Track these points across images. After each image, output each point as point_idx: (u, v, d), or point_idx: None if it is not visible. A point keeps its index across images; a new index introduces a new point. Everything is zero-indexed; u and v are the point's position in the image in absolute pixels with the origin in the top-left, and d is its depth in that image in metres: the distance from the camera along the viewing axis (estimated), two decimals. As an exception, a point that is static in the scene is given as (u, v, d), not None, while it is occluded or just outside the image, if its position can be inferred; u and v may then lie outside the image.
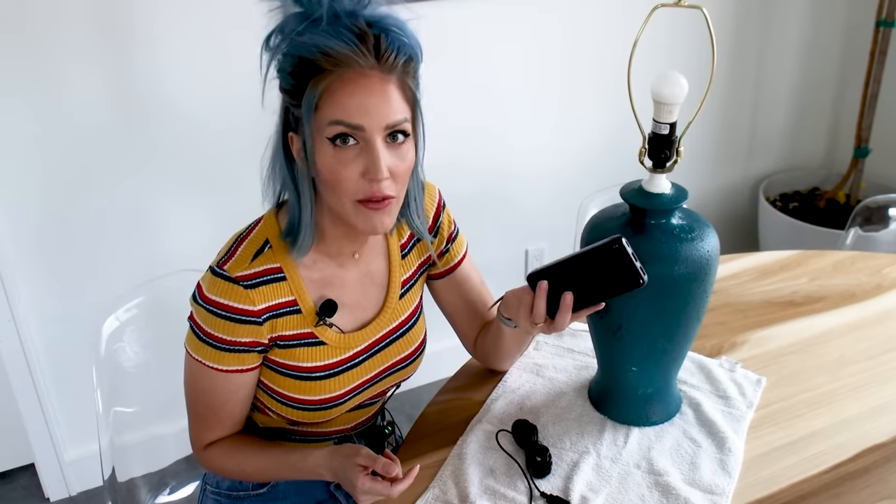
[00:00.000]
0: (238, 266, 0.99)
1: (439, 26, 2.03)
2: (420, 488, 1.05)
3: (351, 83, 0.90)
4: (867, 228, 1.88)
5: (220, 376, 1.02)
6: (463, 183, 2.25)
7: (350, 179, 0.93)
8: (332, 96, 0.91)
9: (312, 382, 1.05)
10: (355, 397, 1.10)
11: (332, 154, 0.93)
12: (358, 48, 0.89)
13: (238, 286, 0.98)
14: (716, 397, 1.20)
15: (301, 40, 0.90)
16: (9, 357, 1.87)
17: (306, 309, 1.03)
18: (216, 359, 1.01)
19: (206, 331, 1.00)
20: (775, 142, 2.81)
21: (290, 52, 0.91)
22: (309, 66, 0.91)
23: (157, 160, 1.86)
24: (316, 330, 1.04)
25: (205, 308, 0.99)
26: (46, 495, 2.06)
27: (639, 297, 1.03)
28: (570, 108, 2.33)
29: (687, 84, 0.98)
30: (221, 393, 1.04)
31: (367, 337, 1.09)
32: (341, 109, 0.91)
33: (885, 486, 1.04)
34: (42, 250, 1.83)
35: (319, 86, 0.90)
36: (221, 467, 1.10)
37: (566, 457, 1.09)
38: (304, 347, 1.04)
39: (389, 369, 1.13)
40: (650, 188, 1.04)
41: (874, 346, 1.32)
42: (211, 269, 1.00)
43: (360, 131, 0.92)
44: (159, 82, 1.79)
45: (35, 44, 1.65)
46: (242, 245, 1.01)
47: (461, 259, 1.19)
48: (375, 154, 0.92)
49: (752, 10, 2.51)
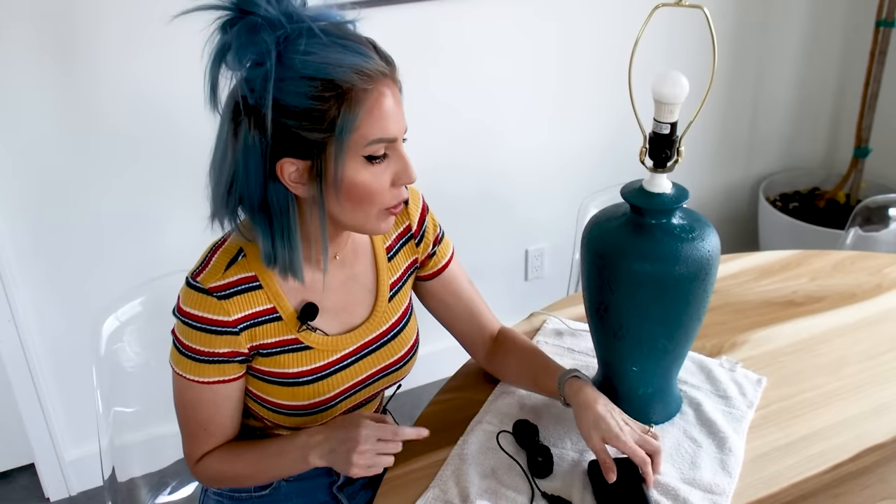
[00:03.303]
0: (211, 277, 0.97)
1: (438, 26, 2.04)
2: (420, 488, 1.05)
3: (384, 98, 0.89)
4: (867, 228, 1.88)
5: (203, 389, 1.01)
6: (463, 183, 2.25)
7: (383, 191, 0.93)
8: (371, 114, 0.89)
9: (300, 388, 1.04)
10: (346, 400, 1.10)
11: (366, 170, 0.91)
12: (380, 61, 0.89)
13: (212, 297, 0.96)
14: (716, 397, 1.20)
15: (317, 60, 0.85)
16: (9, 357, 1.87)
17: (287, 315, 1.02)
18: (197, 371, 1.00)
19: (185, 343, 0.99)
20: (775, 142, 2.82)
21: (309, 75, 0.86)
22: (334, 87, 0.87)
23: (157, 160, 1.86)
24: (300, 335, 1.03)
25: (181, 321, 0.98)
26: (46, 495, 2.06)
27: (639, 297, 1.03)
28: (570, 108, 2.33)
29: (688, 84, 0.98)
30: (208, 406, 1.03)
31: (355, 340, 1.08)
32: (381, 127, 0.89)
33: (885, 486, 1.04)
34: (42, 251, 1.83)
35: (359, 107, 0.87)
36: (217, 475, 1.08)
37: (567, 457, 1.09)
38: (288, 354, 1.03)
39: (381, 372, 1.12)
40: (651, 188, 1.04)
41: (874, 346, 1.32)
42: (186, 281, 0.99)
43: (392, 143, 0.92)
44: (160, 81, 1.79)
45: (34, 44, 1.65)
46: (216, 255, 0.99)
47: (448, 260, 1.19)
48: (406, 161, 0.93)
49: (752, 10, 2.51)
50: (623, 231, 1.05)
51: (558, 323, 1.38)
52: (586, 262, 1.09)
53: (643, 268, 1.02)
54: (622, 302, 1.05)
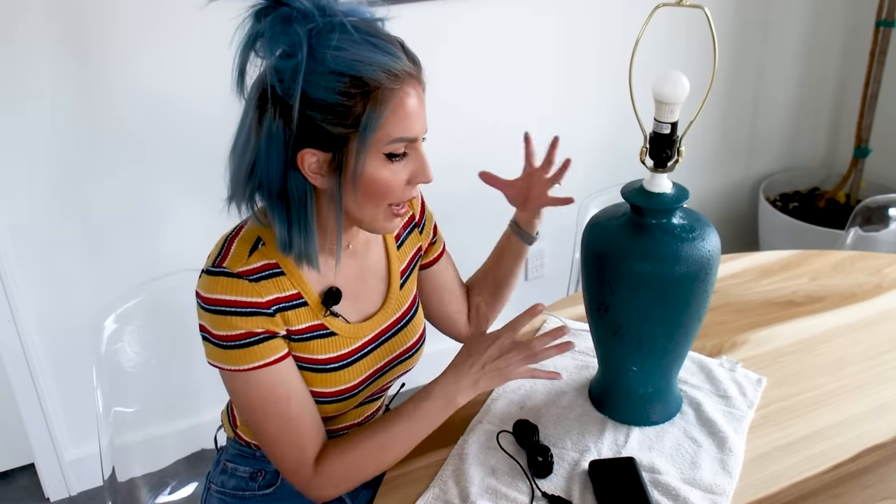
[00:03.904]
0: (237, 262, 0.96)
1: (438, 26, 2.03)
2: (420, 488, 1.05)
3: (409, 98, 0.91)
4: (867, 228, 1.88)
5: (263, 374, 0.96)
6: (463, 182, 2.25)
7: (399, 187, 0.95)
8: (396, 113, 0.90)
9: (328, 374, 1.04)
10: (366, 389, 1.11)
11: (385, 166, 0.93)
12: (408, 61, 0.90)
13: (243, 280, 0.95)
14: (716, 397, 1.20)
15: (347, 57, 0.87)
16: (9, 357, 1.87)
17: (312, 300, 1.02)
18: (246, 357, 0.95)
19: (221, 335, 0.95)
20: (775, 142, 2.82)
21: (339, 70, 0.87)
22: (362, 84, 0.88)
23: (157, 160, 1.85)
24: (325, 321, 1.04)
25: (212, 311, 0.95)
26: (46, 495, 2.06)
27: (639, 297, 1.03)
28: (570, 107, 2.33)
29: (688, 83, 0.98)
30: (278, 389, 0.98)
31: (373, 327, 1.10)
32: (403, 126, 0.91)
33: (885, 486, 1.04)
34: (42, 250, 1.83)
35: (384, 105, 0.89)
36: (344, 472, 1.01)
37: (567, 457, 1.09)
38: (317, 340, 1.03)
39: (395, 360, 1.14)
40: (651, 188, 1.04)
41: (874, 346, 1.32)
42: (207, 271, 0.97)
43: (413, 142, 0.93)
44: (161, 81, 1.79)
45: (33, 44, 1.65)
46: (234, 243, 0.99)
47: (443, 250, 1.25)
48: (425, 160, 0.95)
49: (753, 10, 2.51)
50: (623, 231, 1.05)
51: (558, 323, 1.38)
52: (586, 261, 1.09)
53: (643, 268, 1.02)
54: (622, 302, 1.05)
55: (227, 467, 1.19)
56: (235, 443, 1.20)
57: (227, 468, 1.19)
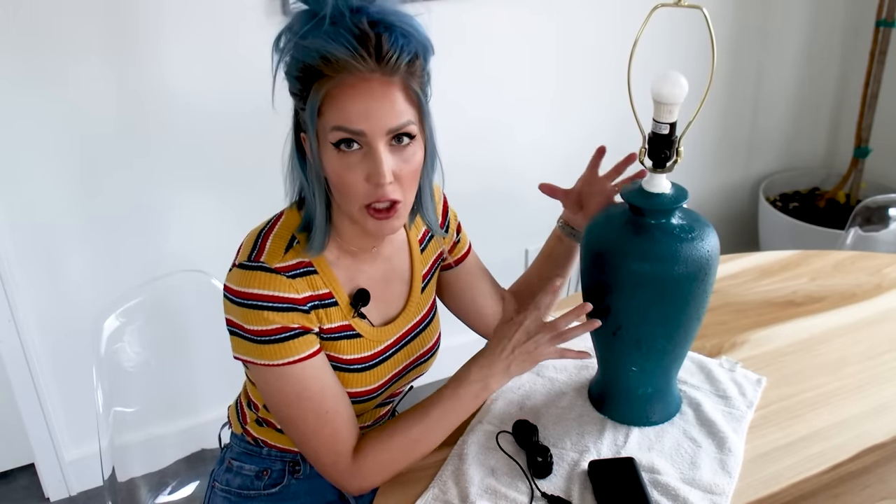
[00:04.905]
0: (273, 258, 0.97)
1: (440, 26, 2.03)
2: (420, 488, 1.05)
3: (351, 88, 0.89)
4: (867, 228, 1.88)
5: (297, 369, 0.97)
6: (464, 182, 2.25)
7: (355, 184, 0.93)
8: (334, 102, 0.90)
9: (353, 375, 1.05)
10: (385, 392, 1.11)
11: (336, 158, 0.92)
12: (357, 52, 0.87)
13: (280, 276, 0.96)
14: (716, 397, 1.20)
15: (304, 44, 0.89)
16: (9, 357, 1.87)
17: (342, 301, 1.03)
18: (281, 352, 0.96)
19: (255, 329, 0.95)
20: (775, 142, 2.81)
21: (294, 56, 0.91)
22: (311, 71, 0.90)
23: (158, 160, 1.85)
24: (353, 322, 1.04)
25: (245, 305, 0.95)
26: (46, 495, 2.06)
27: (639, 298, 1.03)
28: (569, 107, 2.33)
29: (687, 84, 0.98)
30: (312, 384, 0.98)
31: (395, 330, 1.10)
32: (343, 115, 0.90)
33: (885, 486, 1.04)
34: (42, 250, 1.83)
35: (321, 91, 0.90)
36: (382, 463, 1.01)
37: (567, 457, 1.09)
38: (345, 340, 1.04)
39: (413, 364, 1.14)
40: (650, 188, 1.04)
41: (874, 346, 1.32)
42: (241, 265, 0.97)
43: (362, 136, 0.91)
44: (162, 81, 1.79)
45: (34, 44, 1.65)
46: (269, 240, 0.99)
47: (469, 245, 1.23)
48: (378, 159, 0.91)
49: (752, 11, 2.51)
50: (623, 231, 1.05)
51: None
52: (586, 262, 1.09)
53: (643, 268, 1.02)
54: (622, 302, 1.05)
55: (233, 465, 1.19)
56: (242, 440, 1.19)
57: (233, 466, 1.19)
